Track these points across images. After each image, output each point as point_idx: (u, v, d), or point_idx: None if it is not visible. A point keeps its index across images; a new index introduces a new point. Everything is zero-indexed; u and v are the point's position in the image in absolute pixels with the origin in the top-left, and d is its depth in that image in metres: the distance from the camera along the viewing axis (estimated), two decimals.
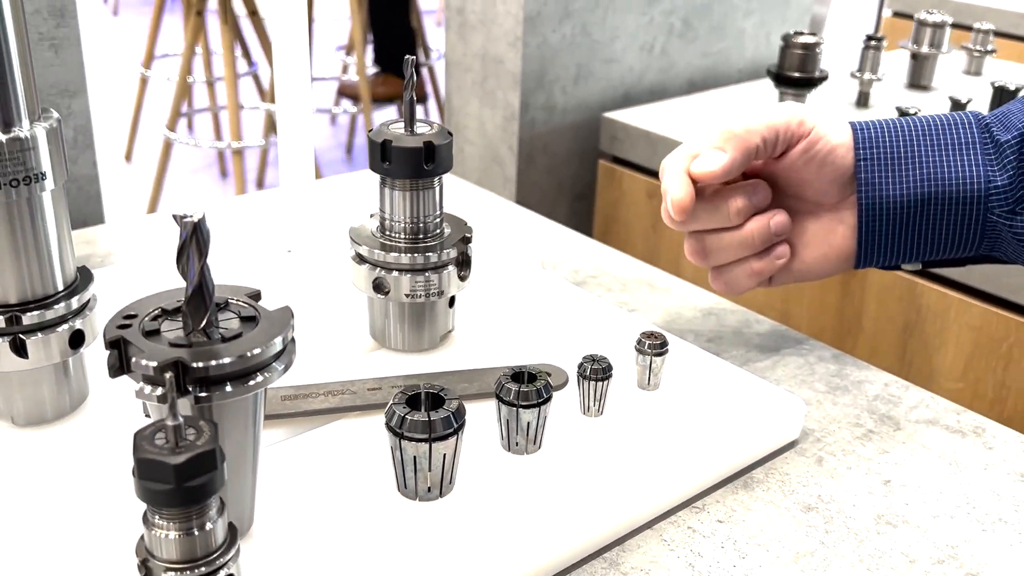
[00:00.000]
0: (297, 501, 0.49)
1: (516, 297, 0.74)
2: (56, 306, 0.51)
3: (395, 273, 0.59)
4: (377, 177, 0.61)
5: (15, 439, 0.54)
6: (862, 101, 1.37)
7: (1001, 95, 1.26)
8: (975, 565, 0.50)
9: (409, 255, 0.59)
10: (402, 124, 0.58)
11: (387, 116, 4.21)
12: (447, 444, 0.46)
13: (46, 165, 0.50)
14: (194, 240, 0.38)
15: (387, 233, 0.59)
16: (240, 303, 0.42)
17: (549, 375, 0.56)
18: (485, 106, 1.36)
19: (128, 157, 3.84)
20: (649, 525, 0.52)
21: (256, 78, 3.83)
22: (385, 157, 0.56)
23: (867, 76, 1.35)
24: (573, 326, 0.71)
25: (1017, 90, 1.25)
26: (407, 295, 0.59)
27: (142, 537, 0.36)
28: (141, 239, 0.86)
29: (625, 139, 1.32)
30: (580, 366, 0.57)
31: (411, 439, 0.46)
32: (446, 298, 0.61)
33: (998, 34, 1.95)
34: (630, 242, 1.37)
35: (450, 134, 0.59)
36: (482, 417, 0.55)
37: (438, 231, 0.60)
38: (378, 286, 0.59)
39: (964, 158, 0.80)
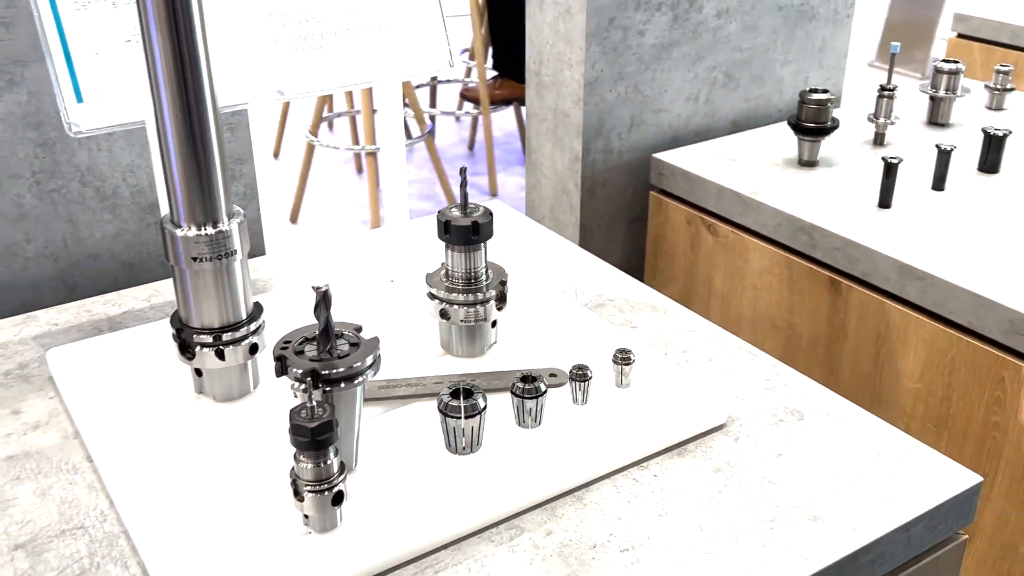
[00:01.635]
0: (385, 452, 0.72)
1: (545, 318, 0.94)
2: (241, 329, 0.76)
3: (455, 307, 0.81)
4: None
5: (215, 410, 0.79)
6: (878, 141, 1.52)
7: (990, 141, 1.40)
8: (819, 510, 0.70)
9: (463, 295, 0.81)
10: (458, 208, 0.81)
11: (504, 117, 4.47)
12: (473, 421, 0.69)
13: (236, 245, 0.74)
14: (323, 300, 0.62)
15: (450, 279, 0.82)
16: (349, 334, 0.66)
17: (555, 375, 0.79)
18: (556, 149, 1.56)
19: (276, 155, 4.15)
20: (607, 476, 0.72)
21: None
22: (447, 231, 0.79)
23: (881, 120, 1.50)
24: (581, 340, 0.90)
25: (1004, 135, 1.38)
26: (462, 320, 0.82)
27: (292, 468, 0.61)
28: (290, 269, 1.11)
29: (669, 176, 1.50)
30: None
31: (451, 417, 0.69)
32: (489, 322, 0.84)
33: None
34: (675, 258, 1.55)
35: (491, 214, 0.81)
36: (505, 403, 0.77)
37: (483, 277, 0.82)
38: (443, 314, 0.82)
39: None
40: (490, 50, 4.15)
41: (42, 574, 0.62)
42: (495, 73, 4.14)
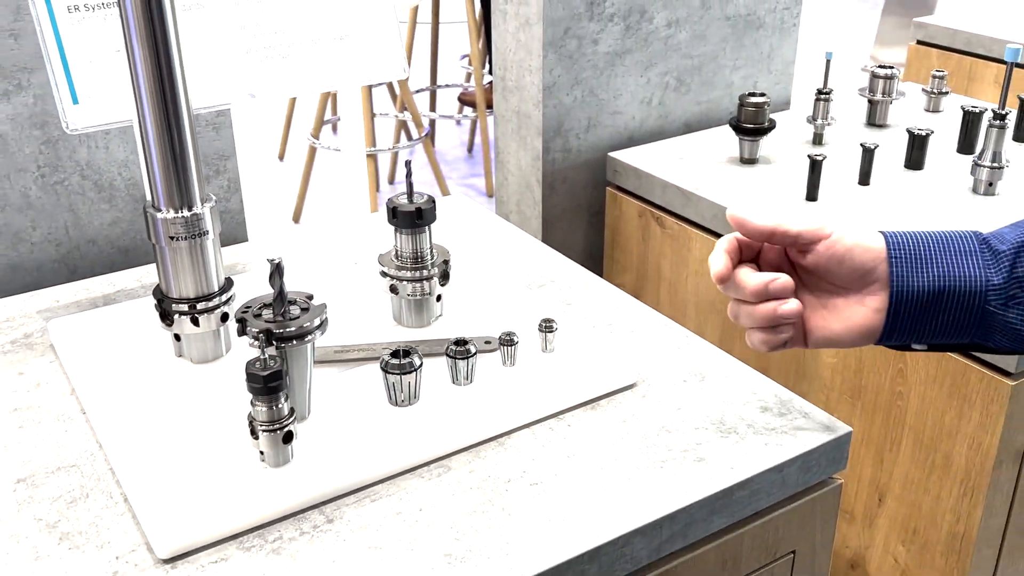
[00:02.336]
0: (336, 405, 0.81)
1: (490, 296, 1.03)
2: (213, 300, 0.85)
3: (403, 283, 0.91)
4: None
5: (192, 370, 0.87)
6: (816, 140, 1.60)
7: (913, 140, 1.48)
8: (705, 453, 0.80)
9: (410, 272, 0.90)
10: (405, 196, 0.90)
11: None
12: (410, 377, 0.78)
13: (208, 226, 0.83)
14: (276, 270, 0.71)
15: (399, 258, 0.91)
16: (301, 301, 0.75)
17: (489, 342, 0.88)
18: (520, 148, 1.64)
19: (281, 157, 4.26)
20: (527, 426, 0.81)
21: (390, 87, 4.08)
22: (394, 216, 0.88)
23: (819, 121, 1.58)
24: (517, 314, 0.99)
25: (927, 134, 1.47)
26: (409, 295, 0.91)
27: (249, 412, 0.70)
28: (268, 254, 1.20)
29: (623, 173, 1.58)
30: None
31: (391, 373, 0.78)
32: (433, 296, 0.93)
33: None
34: (629, 248, 1.63)
35: (433, 201, 0.90)
36: (442, 364, 0.86)
37: (428, 256, 0.91)
38: (392, 289, 0.91)
39: (969, 262, 0.86)
40: (487, 57, 4.18)
41: (40, 501, 0.72)
42: (492, 78, 4.15)
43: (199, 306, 0.86)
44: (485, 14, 4.01)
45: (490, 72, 4.28)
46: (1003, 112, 1.36)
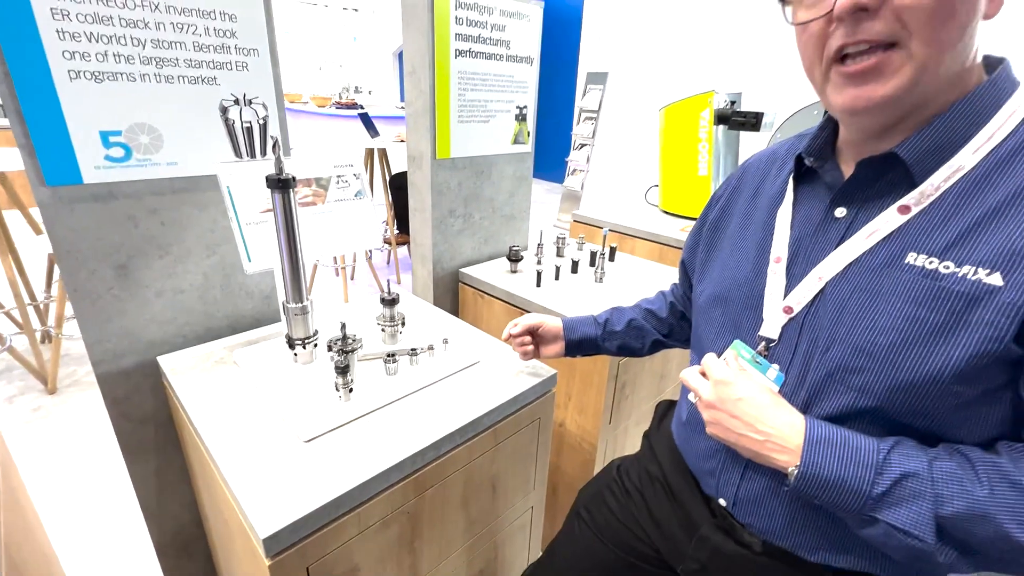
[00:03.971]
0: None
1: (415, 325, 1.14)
2: (311, 337, 1.03)
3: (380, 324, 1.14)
4: None
5: (300, 368, 1.01)
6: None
7: None
8: (487, 399, 0.93)
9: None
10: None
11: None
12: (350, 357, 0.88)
13: (310, 309, 0.96)
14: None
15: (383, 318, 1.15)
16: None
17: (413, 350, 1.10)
18: (421, 266, 1.68)
19: None
20: (416, 392, 0.92)
21: None
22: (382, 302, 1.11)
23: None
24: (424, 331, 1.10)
25: None
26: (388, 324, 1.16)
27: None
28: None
29: (465, 277, 1.66)
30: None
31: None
32: (399, 323, 1.17)
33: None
34: (467, 307, 1.67)
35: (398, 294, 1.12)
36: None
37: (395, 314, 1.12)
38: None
39: (587, 326, 0.89)
40: (395, 224, 3.88)
41: None
42: (398, 232, 4.01)
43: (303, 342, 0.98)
44: (395, 202, 3.59)
45: (398, 229, 3.96)
46: None
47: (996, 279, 0.51)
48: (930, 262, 0.54)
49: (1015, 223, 0.51)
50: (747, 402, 0.60)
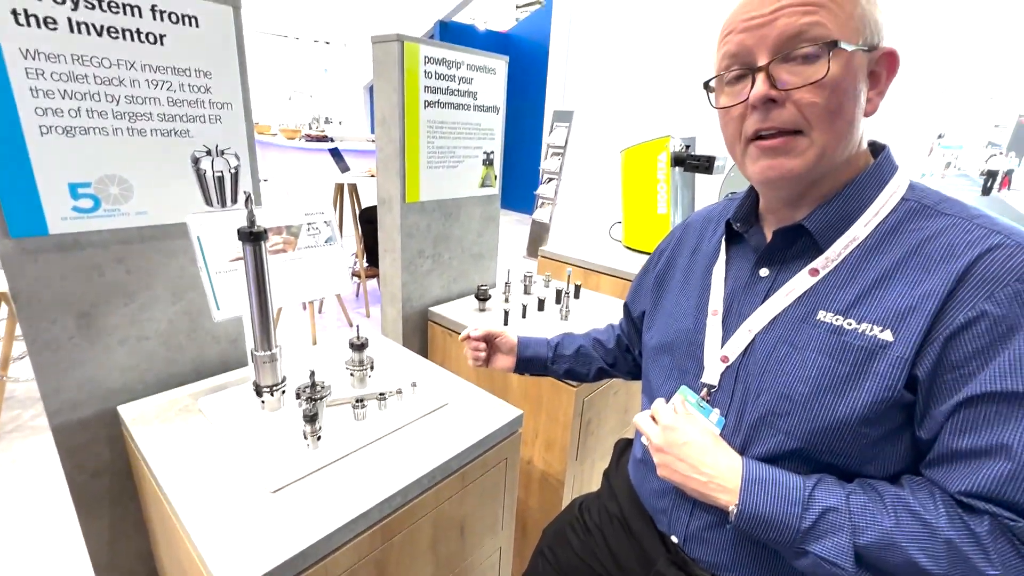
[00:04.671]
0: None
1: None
2: (279, 385, 1.05)
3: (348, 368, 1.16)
4: None
5: (267, 415, 1.06)
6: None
7: None
8: (456, 438, 0.96)
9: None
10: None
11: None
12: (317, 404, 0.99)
13: (279, 357, 0.99)
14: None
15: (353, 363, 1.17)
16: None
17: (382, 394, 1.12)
18: (390, 305, 1.70)
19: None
20: (388, 434, 0.94)
21: None
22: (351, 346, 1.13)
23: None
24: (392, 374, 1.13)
25: None
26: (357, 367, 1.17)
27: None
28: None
29: (433, 315, 1.69)
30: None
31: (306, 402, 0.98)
32: (366, 368, 1.19)
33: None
34: (436, 346, 1.69)
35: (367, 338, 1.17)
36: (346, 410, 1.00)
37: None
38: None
39: (539, 347, 0.89)
40: (364, 256, 3.91)
41: None
42: (367, 264, 4.02)
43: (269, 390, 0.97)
44: (365, 236, 3.60)
45: (367, 262, 3.98)
46: None
47: (888, 335, 0.58)
48: (836, 319, 0.61)
49: (899, 286, 0.58)
50: (691, 446, 0.64)
